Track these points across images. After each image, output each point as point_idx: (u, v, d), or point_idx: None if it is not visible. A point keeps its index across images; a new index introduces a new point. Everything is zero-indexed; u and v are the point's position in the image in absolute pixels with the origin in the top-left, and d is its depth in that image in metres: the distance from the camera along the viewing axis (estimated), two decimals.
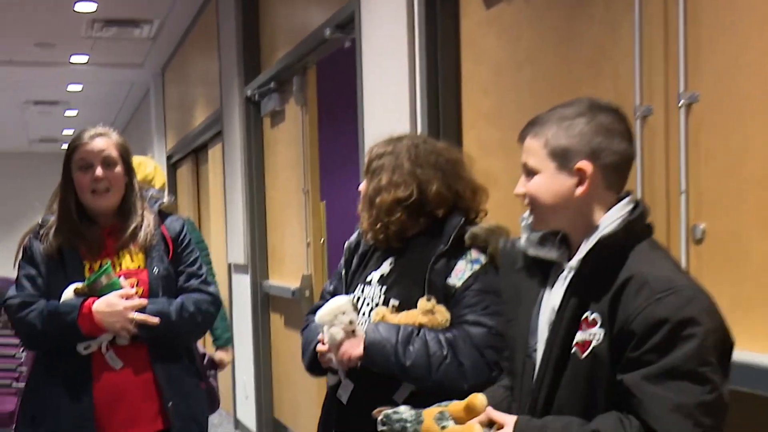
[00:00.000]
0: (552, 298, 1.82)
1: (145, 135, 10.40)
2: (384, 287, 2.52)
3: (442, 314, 2.42)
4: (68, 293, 2.79)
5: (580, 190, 1.72)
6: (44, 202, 3.01)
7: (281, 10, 5.42)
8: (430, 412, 1.91)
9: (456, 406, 1.87)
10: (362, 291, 2.58)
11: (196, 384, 2.99)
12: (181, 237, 2.97)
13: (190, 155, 8.35)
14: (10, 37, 7.94)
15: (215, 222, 7.19)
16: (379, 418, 2.01)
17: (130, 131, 12.16)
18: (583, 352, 1.69)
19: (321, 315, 2.48)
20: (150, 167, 3.80)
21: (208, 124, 6.99)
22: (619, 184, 1.77)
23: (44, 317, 2.76)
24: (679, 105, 2.18)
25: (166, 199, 3.11)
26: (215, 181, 7.08)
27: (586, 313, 1.70)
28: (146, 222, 2.88)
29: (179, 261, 2.94)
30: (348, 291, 2.62)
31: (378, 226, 2.50)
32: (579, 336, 1.70)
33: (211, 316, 2.98)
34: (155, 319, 2.77)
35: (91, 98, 10.69)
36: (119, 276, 2.80)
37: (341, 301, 2.49)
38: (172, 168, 9.13)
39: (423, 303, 2.42)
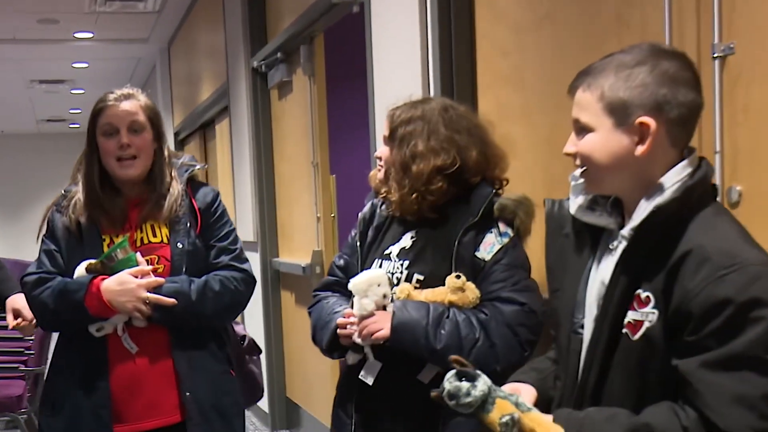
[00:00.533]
0: (601, 270, 1.68)
1: None
2: (406, 261, 2.39)
3: (472, 291, 2.30)
4: (80, 270, 2.60)
5: (641, 148, 1.55)
6: (59, 181, 2.85)
7: None
8: (502, 406, 1.64)
9: (531, 420, 1.62)
10: (380, 266, 2.44)
11: (224, 371, 2.73)
12: (213, 208, 2.73)
13: (197, 131, 8.21)
14: (12, 14, 7.79)
15: (225, 200, 7.04)
16: (448, 388, 1.71)
17: None
18: (635, 334, 1.55)
19: (356, 283, 2.34)
20: None
21: (215, 98, 6.84)
22: (685, 140, 1.60)
23: (55, 296, 2.58)
24: (713, 56, 2.02)
25: (198, 167, 2.86)
26: (223, 158, 6.94)
27: (639, 291, 1.55)
28: (172, 192, 2.66)
29: (209, 235, 2.70)
30: (363, 266, 2.48)
31: (414, 196, 2.35)
32: (630, 315, 1.56)
33: (241, 295, 2.72)
34: (171, 300, 2.55)
35: (98, 75, 10.53)
36: (137, 251, 2.60)
37: (378, 272, 2.36)
38: (180, 145, 8.99)
39: (452, 280, 2.29)
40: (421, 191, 2.35)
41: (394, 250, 2.44)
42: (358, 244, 2.53)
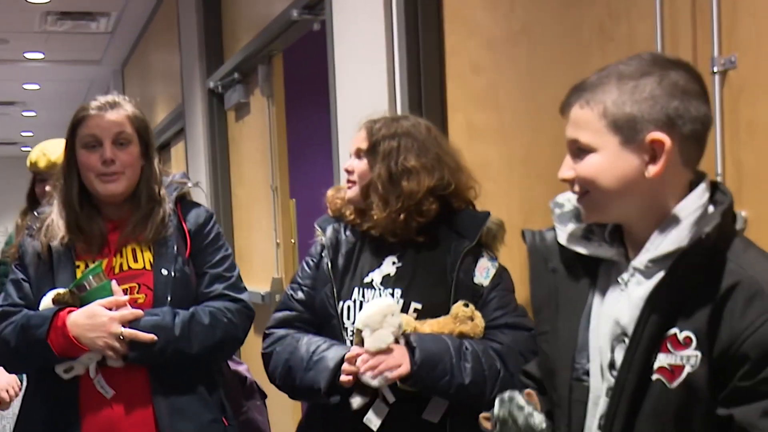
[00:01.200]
0: (611, 308, 1.49)
1: None
2: (398, 290, 2.19)
3: (481, 320, 2.14)
4: (47, 301, 2.26)
5: (653, 169, 1.39)
6: (9, 205, 2.53)
7: None
8: None
9: None
10: (362, 295, 2.22)
11: (214, 420, 2.35)
12: (206, 230, 2.40)
13: None
14: None
15: None
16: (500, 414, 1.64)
17: None
18: (673, 381, 1.37)
19: (369, 315, 2.09)
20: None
21: (170, 120, 6.60)
22: (697, 158, 1.46)
23: (17, 332, 2.23)
24: (713, 71, 1.84)
25: (190, 184, 2.51)
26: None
27: (674, 331, 1.37)
28: (158, 211, 2.34)
29: (201, 260, 2.37)
30: (340, 296, 2.25)
31: (402, 216, 2.15)
32: (664, 359, 1.38)
33: (235, 329, 2.36)
34: (150, 336, 2.20)
35: (50, 97, 10.23)
36: (114, 278, 2.27)
37: (389, 300, 2.14)
38: None
39: (460, 309, 2.12)
40: (411, 211, 2.17)
41: (376, 277, 2.24)
42: (330, 272, 2.29)
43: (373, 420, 2.10)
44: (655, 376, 1.39)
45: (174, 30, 6.21)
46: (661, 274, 1.40)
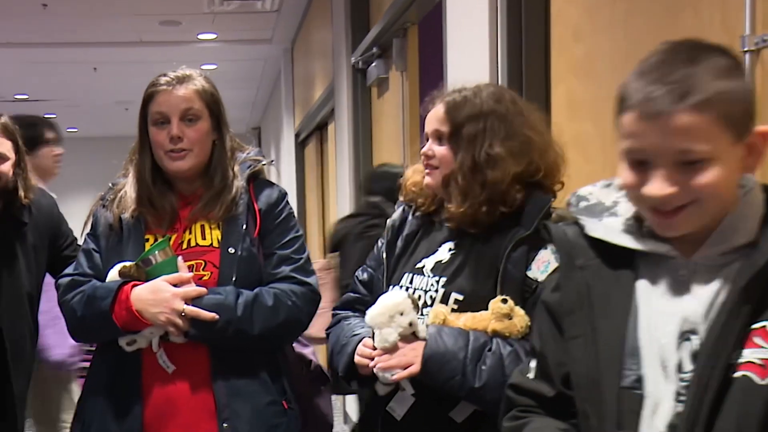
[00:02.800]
0: (670, 304, 1.35)
1: (279, 113, 10.16)
2: (443, 278, 2.01)
3: (521, 319, 1.91)
4: (113, 273, 2.25)
5: (755, 164, 1.30)
6: None
7: None
8: None
9: None
10: (410, 281, 2.07)
11: (274, 402, 2.29)
12: (277, 209, 2.34)
13: (314, 132, 7.97)
14: (134, 17, 7.79)
15: (330, 206, 6.80)
16: None
17: (270, 110, 11.98)
18: (765, 375, 1.24)
19: (373, 316, 1.97)
20: None
21: (324, 99, 6.57)
22: None
23: (84, 302, 2.24)
24: None
25: (264, 162, 2.44)
26: (335, 160, 6.67)
27: (763, 323, 1.25)
28: (229, 189, 2.30)
29: (270, 241, 2.31)
30: (390, 280, 2.11)
31: (485, 208, 1.96)
32: (750, 354, 1.25)
33: (299, 312, 2.28)
34: (210, 315, 2.17)
35: (228, 77, 10.48)
36: (181, 254, 2.25)
37: (398, 298, 1.97)
38: (300, 146, 8.80)
39: (497, 305, 1.91)
40: (495, 201, 1.97)
41: (428, 263, 2.07)
42: (385, 255, 2.16)
43: (396, 409, 2.00)
44: (739, 373, 1.26)
45: (329, 6, 6.16)
46: (736, 267, 1.30)
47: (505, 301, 1.91)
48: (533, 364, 1.52)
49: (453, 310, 1.98)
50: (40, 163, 3.85)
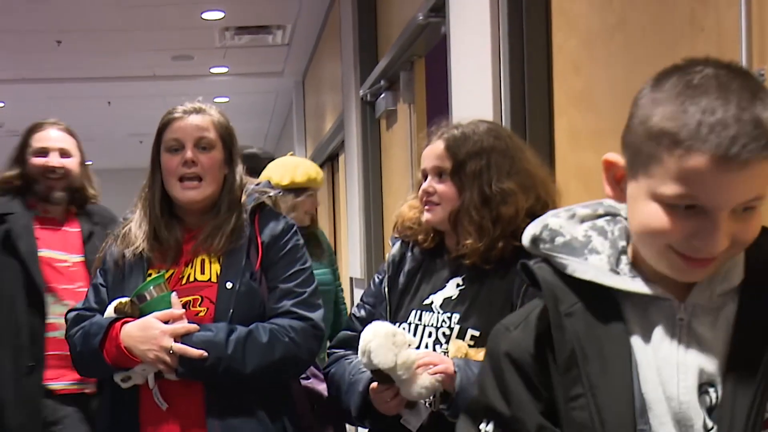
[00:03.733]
0: (675, 353, 1.19)
1: (291, 144, 10.22)
2: (455, 314, 2.02)
3: None
4: (110, 310, 2.24)
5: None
6: None
7: (395, 1, 4.95)
8: None
9: None
10: (419, 318, 2.07)
11: None
12: (282, 241, 2.29)
13: (326, 163, 8.02)
14: (147, 52, 7.89)
15: (341, 235, 6.83)
16: None
17: (283, 141, 12.04)
18: None
19: (368, 339, 1.96)
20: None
21: (335, 130, 6.62)
22: None
23: (82, 338, 2.24)
24: None
25: (272, 193, 2.40)
26: (345, 191, 6.70)
27: None
28: (231, 220, 2.27)
29: (272, 273, 2.26)
30: (395, 317, 2.11)
31: (501, 244, 1.98)
32: None
33: (297, 349, 2.21)
34: (198, 352, 2.13)
35: (240, 110, 10.57)
36: (178, 290, 2.23)
37: (380, 326, 1.97)
38: None
39: None
40: (509, 237, 1.98)
41: (436, 299, 2.07)
42: (387, 290, 2.15)
43: (411, 421, 1.98)
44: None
45: (338, 40, 6.22)
46: (732, 308, 1.18)
47: None
48: (490, 428, 1.29)
49: (470, 346, 1.98)
50: None
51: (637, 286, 1.21)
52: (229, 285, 2.22)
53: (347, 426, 2.53)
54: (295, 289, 2.27)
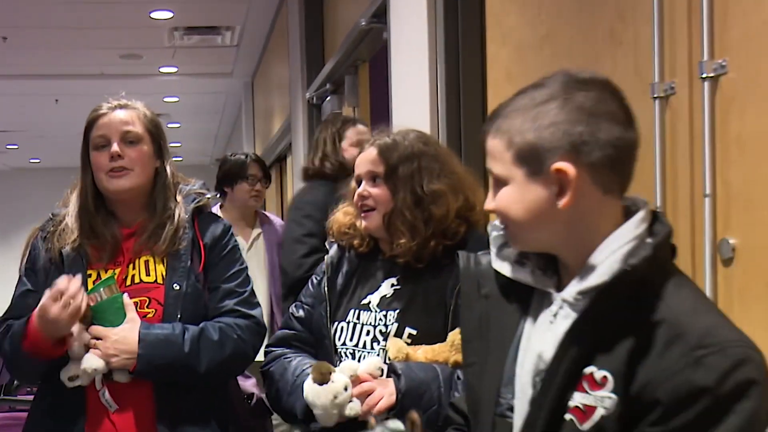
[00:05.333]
0: (537, 341, 1.37)
1: (241, 145, 10.21)
2: (393, 312, 2.07)
3: None
4: None
5: (563, 200, 1.26)
6: None
7: (341, 4, 5.00)
8: None
9: None
10: (357, 317, 2.12)
11: None
12: (222, 243, 2.31)
13: (274, 165, 8.03)
14: (95, 50, 7.85)
15: None
16: None
17: (233, 142, 12.02)
18: (584, 421, 1.25)
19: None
20: None
21: (283, 132, 6.65)
22: (621, 184, 1.30)
23: (9, 343, 2.20)
24: (702, 76, 1.63)
25: (209, 195, 2.39)
26: (294, 193, 6.73)
27: (591, 368, 1.26)
28: (174, 221, 2.26)
29: (214, 275, 2.28)
30: (334, 317, 2.16)
31: (432, 243, 2.04)
32: (579, 398, 1.26)
33: (245, 346, 2.25)
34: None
35: (190, 110, 10.57)
36: (125, 292, 2.19)
37: (322, 394, 1.99)
38: None
39: (457, 337, 1.95)
40: (440, 236, 2.05)
41: (374, 299, 2.13)
42: (327, 291, 2.20)
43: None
44: (568, 416, 1.27)
45: (285, 42, 6.26)
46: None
47: None
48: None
49: (407, 344, 2.04)
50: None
51: (518, 274, 1.40)
52: (176, 287, 2.22)
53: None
54: (236, 288, 2.30)
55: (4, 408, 5.59)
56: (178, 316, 2.21)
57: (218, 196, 3.71)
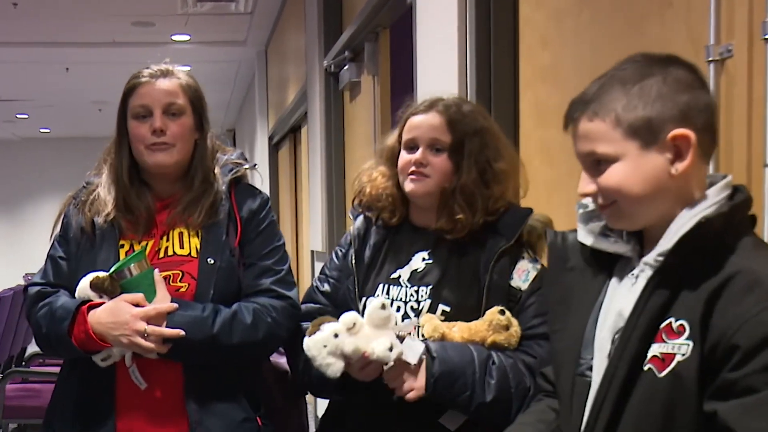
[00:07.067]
0: (618, 301, 1.46)
1: (253, 115, 10.12)
2: (423, 288, 2.01)
3: (517, 330, 1.93)
4: (84, 285, 2.11)
5: (680, 165, 1.36)
6: None
7: None
8: None
9: None
10: (387, 292, 2.05)
11: (247, 419, 2.19)
12: (260, 217, 2.24)
13: (288, 135, 7.95)
14: (107, 17, 7.73)
15: (302, 209, 6.78)
16: None
17: (245, 112, 11.94)
18: (662, 369, 1.32)
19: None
20: None
21: (297, 102, 6.54)
22: (712, 150, 1.44)
23: (48, 319, 2.14)
24: (765, 37, 1.53)
25: (247, 166, 2.32)
26: (307, 164, 6.64)
27: (669, 320, 1.33)
28: (210, 193, 2.19)
29: (250, 250, 2.21)
30: (363, 291, 2.08)
31: (481, 220, 2.00)
32: (657, 348, 1.33)
33: (279, 328, 2.15)
34: (174, 332, 2.05)
35: (202, 79, 10.31)
36: (158, 265, 2.13)
37: (312, 343, 1.91)
38: (274, 149, 8.77)
39: (495, 316, 1.91)
40: (486, 213, 2.01)
41: (404, 273, 2.06)
42: (354, 264, 2.12)
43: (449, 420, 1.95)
44: (647, 366, 1.34)
45: (302, 8, 6.14)
46: None
47: (503, 312, 1.92)
48: None
49: (440, 321, 1.97)
50: None
51: (603, 245, 1.51)
52: (210, 261, 2.15)
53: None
54: (273, 266, 2.22)
55: (17, 379, 5.54)
56: (211, 291, 2.14)
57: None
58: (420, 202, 2.07)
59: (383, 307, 1.89)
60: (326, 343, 1.89)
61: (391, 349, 1.85)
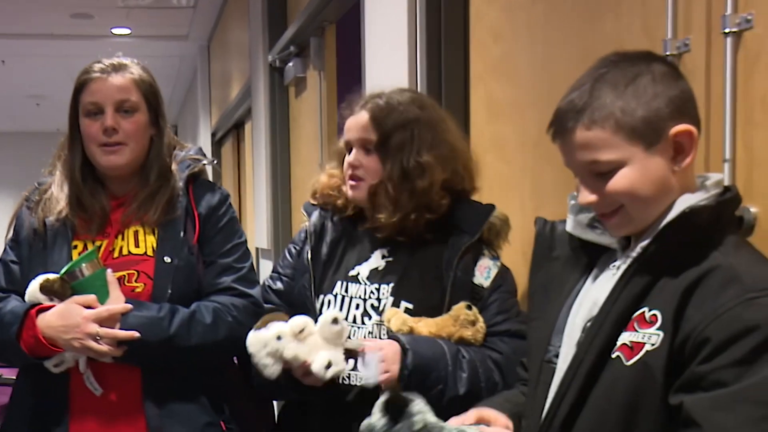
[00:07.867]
0: (595, 291, 1.45)
1: (196, 111, 9.98)
2: (384, 286, 1.97)
3: (483, 326, 1.92)
4: (33, 288, 2.04)
5: (686, 160, 1.34)
6: None
7: None
8: None
9: None
10: (345, 289, 2.01)
11: (210, 423, 2.13)
12: (219, 213, 2.18)
13: (231, 131, 7.85)
14: (45, 8, 7.54)
15: (247, 206, 6.69)
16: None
17: (187, 108, 11.77)
18: (630, 358, 1.30)
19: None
20: None
21: (241, 97, 6.45)
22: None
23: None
24: (725, 31, 1.51)
25: (205, 161, 2.25)
26: (251, 160, 6.55)
27: (643, 309, 1.32)
28: (166, 190, 2.13)
29: (210, 248, 2.14)
30: (320, 289, 2.03)
31: (413, 216, 1.93)
32: (627, 337, 1.32)
33: (241, 328, 2.03)
34: (128, 333, 1.98)
35: None
36: (111, 265, 2.06)
37: (254, 340, 1.88)
38: (217, 145, 8.65)
39: (463, 311, 1.89)
40: (422, 209, 1.95)
41: (363, 270, 2.02)
42: (310, 262, 2.07)
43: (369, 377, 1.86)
44: (615, 354, 1.33)
45: (246, 3, 6.05)
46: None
47: (470, 307, 1.91)
48: None
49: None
50: None
51: (590, 236, 1.49)
52: (167, 259, 2.09)
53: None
54: (234, 264, 2.17)
55: None
56: (169, 291, 2.07)
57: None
58: (363, 205, 2.04)
59: (335, 321, 1.85)
60: (267, 344, 1.85)
61: (328, 367, 1.81)
